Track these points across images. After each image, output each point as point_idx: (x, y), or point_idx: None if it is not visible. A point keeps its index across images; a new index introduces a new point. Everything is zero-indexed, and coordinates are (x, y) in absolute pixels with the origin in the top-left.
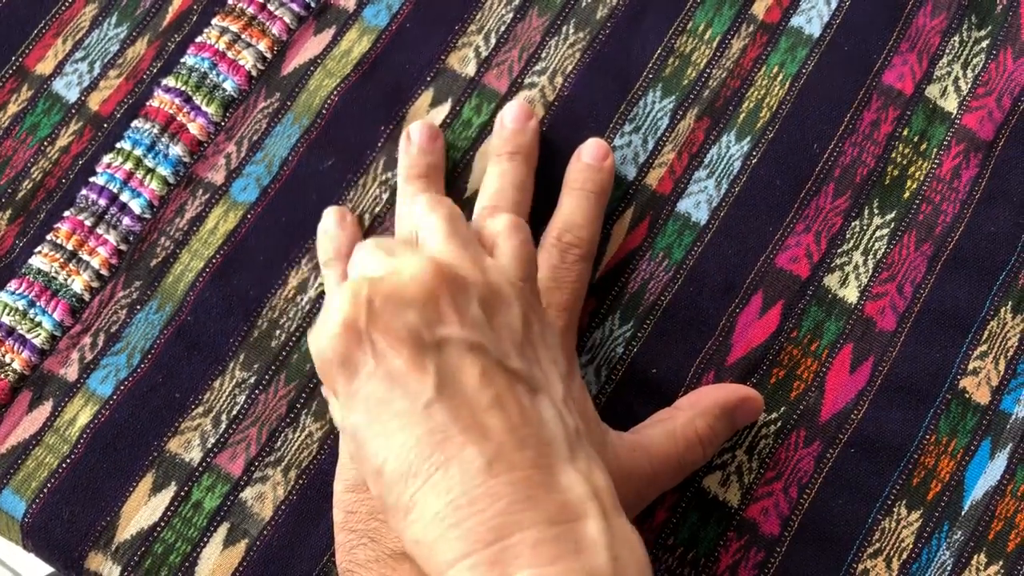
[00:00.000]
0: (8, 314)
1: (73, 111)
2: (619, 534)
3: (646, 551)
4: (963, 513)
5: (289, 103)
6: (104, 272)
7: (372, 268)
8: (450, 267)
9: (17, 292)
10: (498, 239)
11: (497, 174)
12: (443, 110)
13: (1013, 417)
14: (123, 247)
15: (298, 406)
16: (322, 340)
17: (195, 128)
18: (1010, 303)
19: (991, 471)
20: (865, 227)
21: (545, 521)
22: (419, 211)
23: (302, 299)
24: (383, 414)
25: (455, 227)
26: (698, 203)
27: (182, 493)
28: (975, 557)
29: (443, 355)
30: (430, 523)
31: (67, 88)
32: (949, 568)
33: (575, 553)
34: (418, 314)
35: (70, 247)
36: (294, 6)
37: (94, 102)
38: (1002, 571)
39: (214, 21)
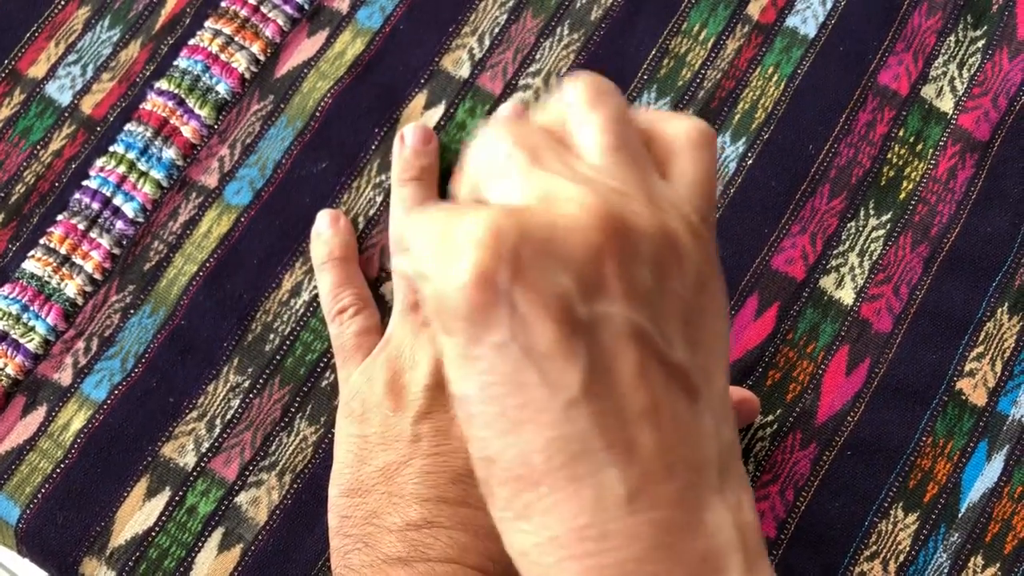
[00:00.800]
0: (1, 319)
1: (66, 114)
2: None
3: None
4: (960, 515)
5: (283, 106)
6: (97, 276)
7: (512, 186)
8: (621, 211)
9: (10, 297)
10: (677, 152)
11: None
12: (437, 112)
13: (1010, 419)
14: (116, 251)
15: (292, 410)
16: (449, 284)
17: (188, 131)
18: (1007, 304)
19: (988, 473)
20: (861, 228)
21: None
22: (575, 102)
23: (296, 302)
24: (507, 397)
25: (624, 133)
26: None
27: (176, 498)
28: (972, 559)
29: (597, 339)
30: (545, 544)
31: (60, 91)
32: (946, 570)
33: None
34: (575, 277)
35: (63, 251)
36: (287, 8)
37: (87, 105)
38: (999, 573)
39: (207, 24)
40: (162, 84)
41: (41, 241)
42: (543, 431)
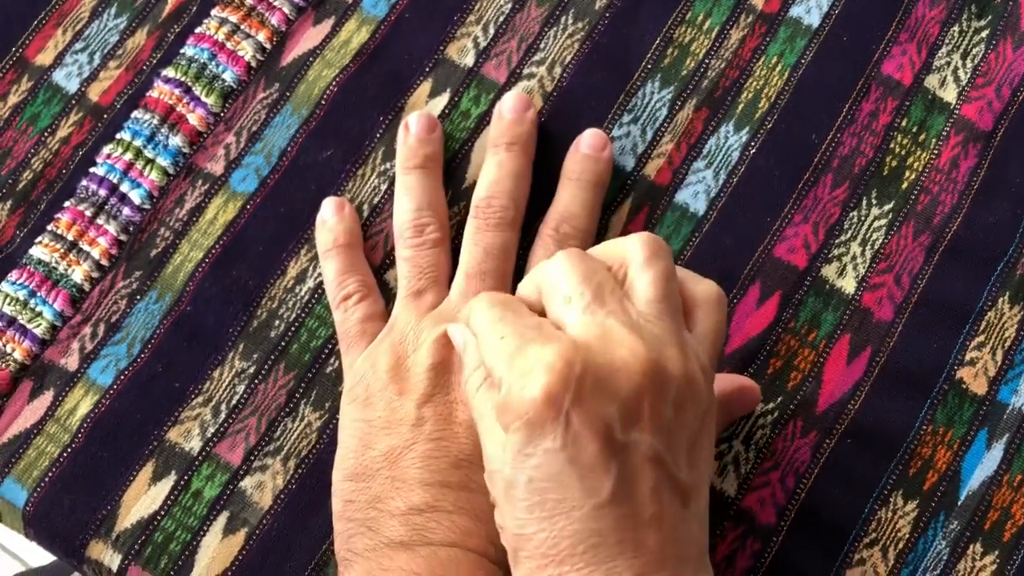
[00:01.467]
0: (9, 304)
1: (73, 102)
2: None
3: None
4: (959, 503)
5: (288, 94)
6: (104, 262)
7: (580, 318)
8: (662, 363)
9: (18, 282)
10: (701, 308)
11: (495, 164)
12: (442, 100)
13: (1010, 407)
14: (123, 237)
15: (297, 396)
16: (522, 396)
17: (195, 119)
18: (1008, 293)
19: (987, 461)
20: (863, 217)
21: None
22: (635, 253)
23: (301, 289)
24: (549, 491)
25: (669, 289)
26: (696, 194)
27: (182, 482)
28: (971, 547)
29: (627, 458)
30: None
31: (67, 79)
32: (945, 558)
33: None
34: (619, 410)
35: (70, 237)
36: None
37: (94, 93)
38: (998, 561)
39: (213, 12)
40: (169, 72)
41: (48, 227)
42: (574, 523)
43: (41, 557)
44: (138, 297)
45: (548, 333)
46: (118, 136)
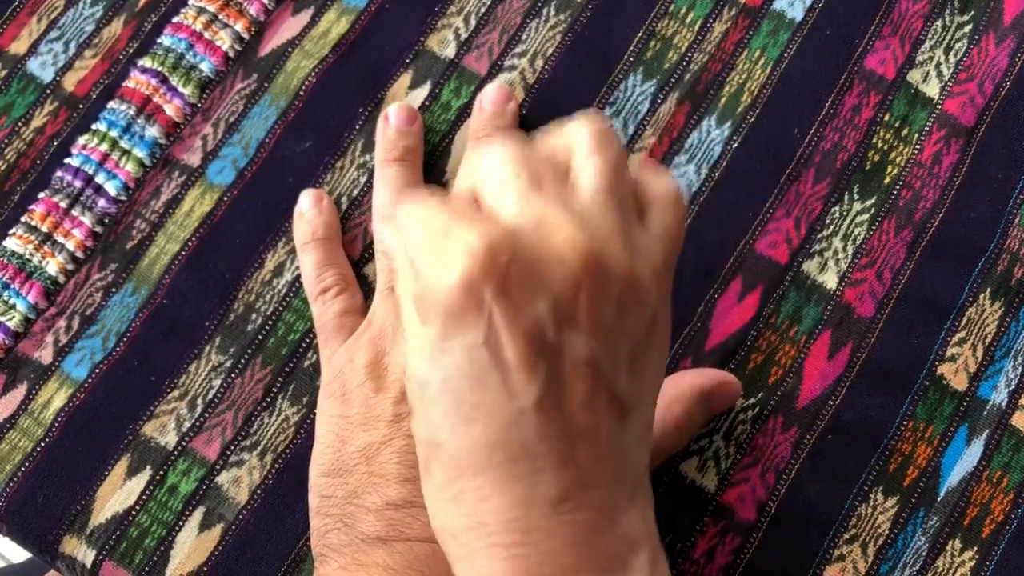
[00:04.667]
0: None
1: (48, 91)
2: None
3: None
4: (939, 499)
5: (266, 85)
6: (79, 254)
7: (509, 203)
8: (601, 254)
9: None
10: (656, 204)
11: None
12: (422, 92)
13: (990, 403)
14: (98, 229)
15: (274, 390)
16: (437, 281)
17: (171, 109)
18: (989, 289)
19: (967, 457)
20: (845, 213)
21: (593, 569)
22: (579, 142)
23: (279, 282)
24: (466, 393)
25: (617, 181)
26: None
27: (157, 477)
28: (950, 543)
29: (558, 362)
30: (473, 527)
31: (42, 68)
32: (924, 553)
33: None
34: (552, 305)
35: (45, 229)
36: None
37: (69, 82)
38: (977, 556)
39: (191, 1)
40: (145, 62)
41: (22, 219)
42: (492, 430)
43: (19, 553)
44: (113, 290)
45: (474, 217)
46: (94, 127)
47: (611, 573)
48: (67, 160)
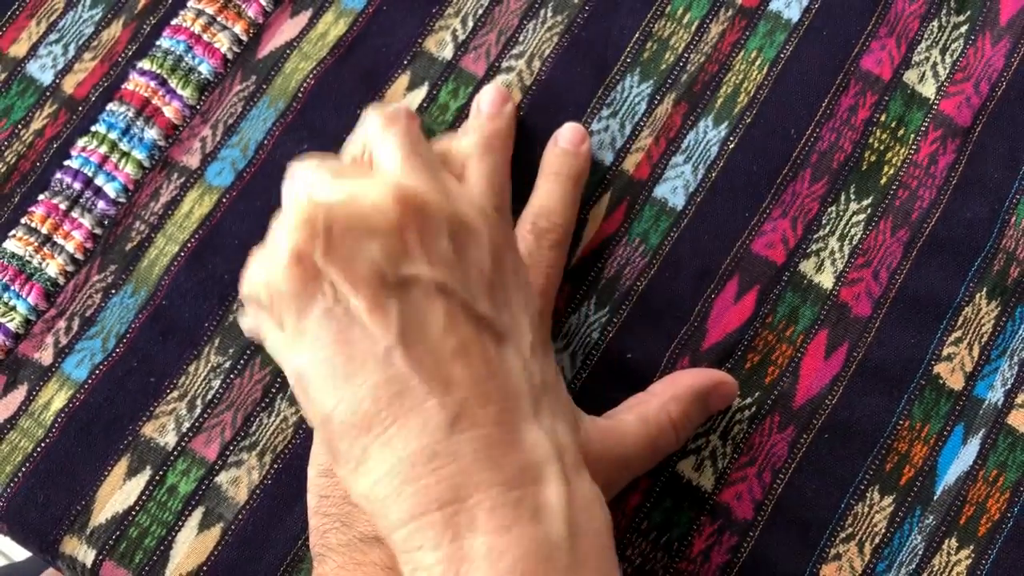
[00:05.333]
0: None
1: (47, 94)
2: (579, 498)
3: (606, 511)
4: (935, 498)
5: (265, 86)
6: (79, 256)
7: (323, 191)
8: (416, 194)
9: None
10: (468, 162)
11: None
12: (420, 94)
13: (986, 403)
14: (98, 231)
15: (273, 391)
16: (268, 269)
17: (170, 111)
18: (985, 289)
19: (963, 456)
20: (841, 213)
21: (504, 483)
22: (372, 128)
23: None
24: (336, 356)
25: (415, 147)
26: (675, 188)
27: (157, 477)
28: (946, 541)
29: (407, 296)
30: (382, 478)
31: (41, 71)
32: (921, 552)
33: (532, 520)
34: (382, 248)
35: (44, 231)
36: None
37: (69, 85)
38: (973, 555)
39: (189, 3)
40: (144, 64)
41: (22, 221)
42: (369, 377)
43: (21, 551)
44: (113, 291)
45: (286, 208)
46: (93, 129)
47: (524, 487)
48: (66, 162)
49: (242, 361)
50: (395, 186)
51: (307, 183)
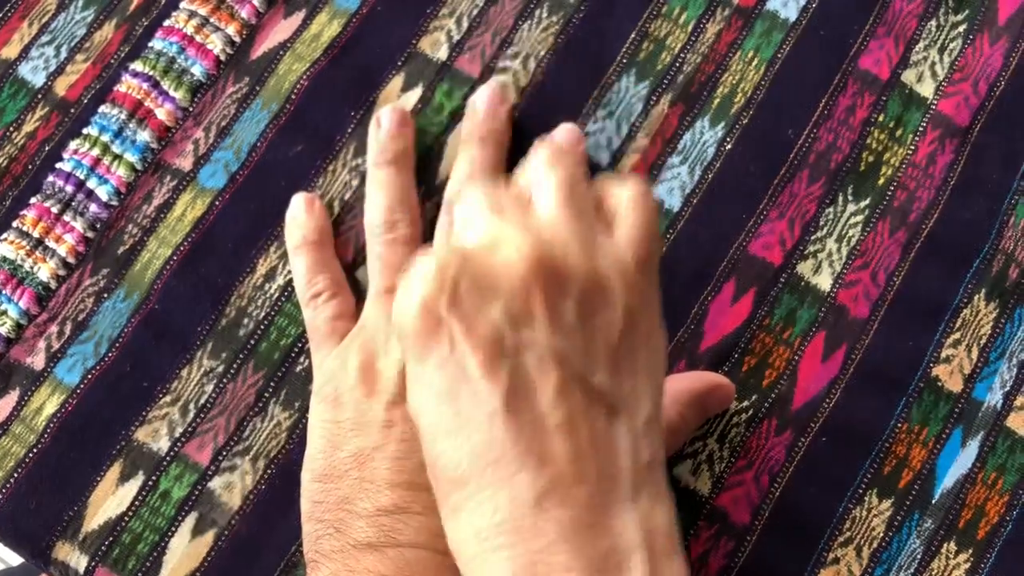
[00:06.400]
0: None
1: (39, 96)
2: None
3: None
4: (934, 502)
5: (258, 88)
6: (71, 260)
7: (472, 232)
8: (552, 256)
9: None
10: (621, 209)
11: (468, 159)
12: (414, 95)
13: (985, 405)
14: (90, 234)
15: (266, 395)
16: (402, 311)
17: (163, 114)
18: (984, 290)
19: (962, 459)
20: (839, 214)
21: (583, 569)
22: (536, 163)
23: (270, 287)
24: (445, 407)
25: (573, 192)
26: (671, 189)
27: (150, 483)
28: (945, 545)
29: (520, 362)
30: (470, 539)
31: (33, 72)
32: (919, 556)
33: None
34: (504, 310)
35: (36, 234)
36: None
37: (61, 87)
38: (972, 559)
39: (182, 4)
40: (137, 66)
41: (14, 224)
42: (471, 437)
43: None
44: (105, 295)
45: (433, 250)
46: (85, 131)
47: (605, 573)
48: (58, 165)
49: (235, 365)
50: (533, 244)
51: (464, 217)
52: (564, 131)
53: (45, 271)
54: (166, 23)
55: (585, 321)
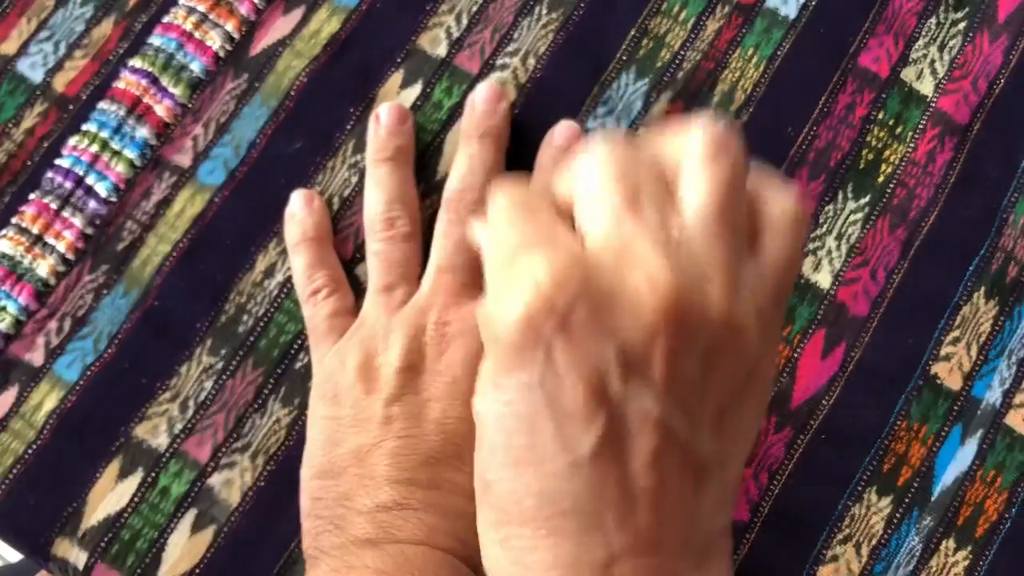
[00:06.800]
0: None
1: (38, 92)
2: None
3: None
4: (933, 499)
5: (257, 85)
6: (70, 256)
7: (597, 226)
8: (690, 300)
9: None
10: (773, 225)
11: (467, 157)
12: (413, 92)
13: (984, 403)
14: (89, 231)
15: (265, 392)
16: (500, 314)
17: (162, 110)
18: (983, 288)
19: (961, 457)
20: (839, 211)
21: None
22: (697, 151)
23: (270, 283)
24: (520, 434)
25: (730, 203)
26: None
27: (149, 479)
28: (944, 542)
29: (622, 412)
30: (518, 574)
31: (32, 69)
32: (918, 554)
33: None
34: (619, 352)
35: (36, 230)
36: None
37: (59, 83)
38: (971, 556)
39: (181, 1)
40: (136, 62)
41: (13, 220)
42: (542, 479)
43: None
44: (105, 291)
45: (551, 241)
46: (84, 127)
47: None
48: (57, 161)
49: (234, 362)
50: (670, 279)
51: (590, 195)
52: (564, 128)
53: (44, 267)
54: (165, 19)
55: (705, 376)
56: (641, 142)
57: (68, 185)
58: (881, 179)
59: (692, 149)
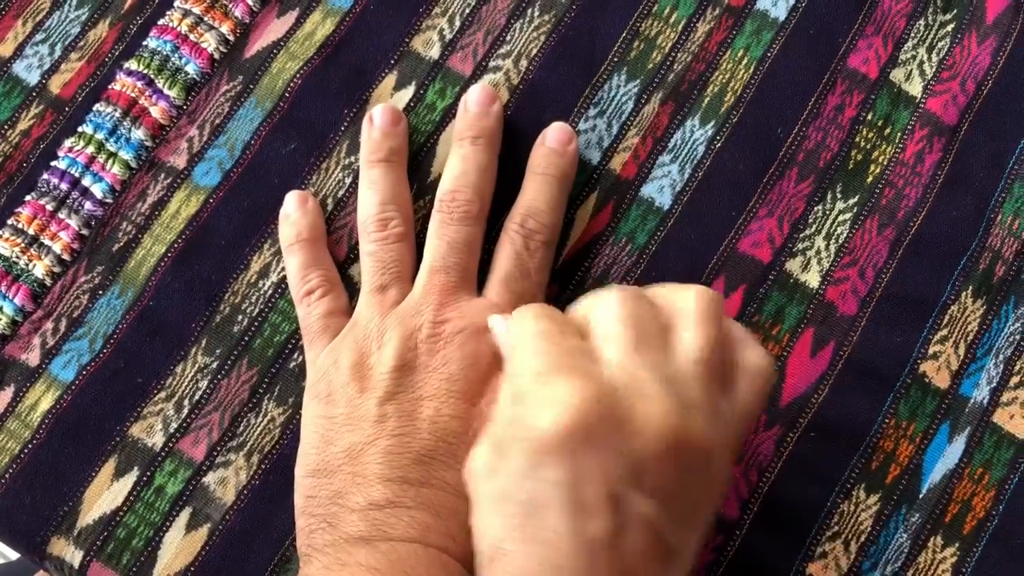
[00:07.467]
0: None
1: (34, 94)
2: None
3: None
4: (921, 496)
5: (252, 86)
6: (66, 257)
7: (616, 358)
8: (688, 433)
9: None
10: (745, 380)
11: (459, 158)
12: (407, 93)
13: (972, 401)
14: (85, 232)
15: (260, 391)
16: (532, 416)
17: (157, 112)
18: (971, 287)
19: (949, 454)
20: (828, 212)
21: None
22: (690, 309)
23: (264, 284)
24: (539, 516)
25: (714, 355)
26: (662, 188)
27: (144, 478)
28: (932, 539)
29: (623, 510)
30: None
31: (28, 71)
32: (906, 550)
33: None
34: (625, 466)
35: (31, 232)
36: None
37: (55, 85)
38: (958, 553)
39: (176, 3)
40: (131, 64)
41: (9, 222)
42: (556, 555)
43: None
44: (100, 292)
45: (578, 366)
46: (80, 129)
47: None
48: (53, 163)
49: (229, 362)
50: (676, 415)
51: (605, 329)
52: (556, 129)
53: (40, 268)
54: (160, 22)
55: (681, 485)
56: (646, 293)
57: (64, 186)
58: (870, 179)
59: (687, 306)
